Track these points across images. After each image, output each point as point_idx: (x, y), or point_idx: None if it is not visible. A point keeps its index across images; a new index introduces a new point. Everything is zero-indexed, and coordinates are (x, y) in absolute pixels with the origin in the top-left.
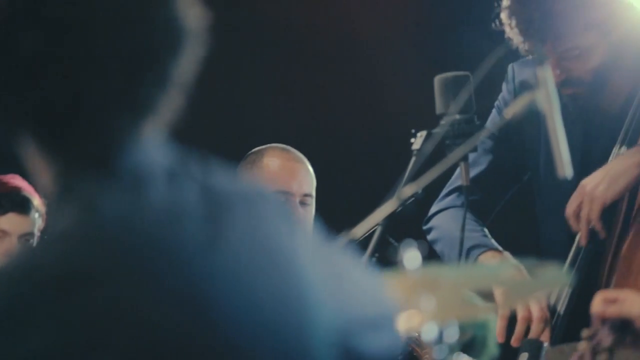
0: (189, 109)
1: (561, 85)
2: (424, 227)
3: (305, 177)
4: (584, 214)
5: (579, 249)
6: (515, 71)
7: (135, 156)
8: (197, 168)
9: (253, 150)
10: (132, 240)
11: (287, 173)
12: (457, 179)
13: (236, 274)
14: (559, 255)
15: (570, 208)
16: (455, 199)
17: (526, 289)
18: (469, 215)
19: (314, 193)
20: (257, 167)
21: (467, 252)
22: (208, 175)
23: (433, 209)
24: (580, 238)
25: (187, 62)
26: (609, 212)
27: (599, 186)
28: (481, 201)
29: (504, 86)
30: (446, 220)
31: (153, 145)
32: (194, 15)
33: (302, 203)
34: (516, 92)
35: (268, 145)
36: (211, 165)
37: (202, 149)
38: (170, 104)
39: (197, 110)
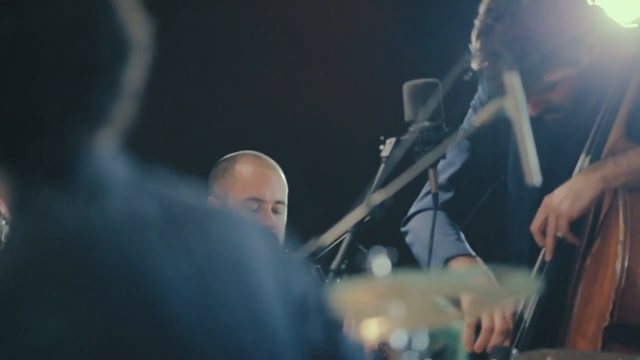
0: (143, 118)
1: (543, 114)
2: (402, 229)
3: (277, 184)
4: (549, 230)
5: (544, 256)
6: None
7: (92, 166)
8: (154, 179)
9: (225, 157)
10: (90, 249)
11: (259, 180)
12: (424, 196)
13: (197, 286)
14: (525, 258)
15: (535, 224)
16: (431, 199)
17: (493, 297)
18: (443, 218)
19: (286, 200)
20: (230, 174)
21: (438, 258)
22: (166, 187)
23: (412, 210)
24: (545, 253)
25: (137, 70)
26: (575, 223)
27: (564, 202)
28: (457, 201)
29: (479, 86)
30: (421, 223)
31: (109, 155)
32: (139, 22)
33: (275, 210)
34: (490, 93)
35: (240, 152)
36: (169, 177)
37: (159, 159)
38: (123, 113)
39: (153, 119)
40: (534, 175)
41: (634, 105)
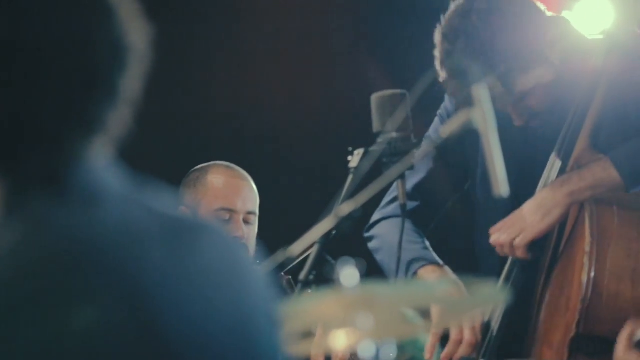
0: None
1: (528, 121)
2: (365, 235)
3: (249, 195)
4: (518, 242)
5: (513, 265)
6: None
7: (87, 175)
8: (147, 191)
9: (196, 167)
10: (82, 258)
11: (231, 191)
12: (389, 202)
13: (190, 298)
14: (494, 268)
15: (504, 238)
16: (397, 207)
17: (462, 307)
18: (409, 226)
19: (257, 211)
20: (201, 184)
21: (406, 266)
22: (158, 199)
23: (375, 217)
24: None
25: (134, 78)
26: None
27: (534, 217)
28: (422, 208)
29: (446, 96)
30: (387, 230)
31: (105, 164)
32: (137, 30)
33: (246, 221)
34: (457, 104)
35: (211, 162)
36: (161, 189)
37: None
38: (120, 122)
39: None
40: (501, 186)
41: (599, 117)
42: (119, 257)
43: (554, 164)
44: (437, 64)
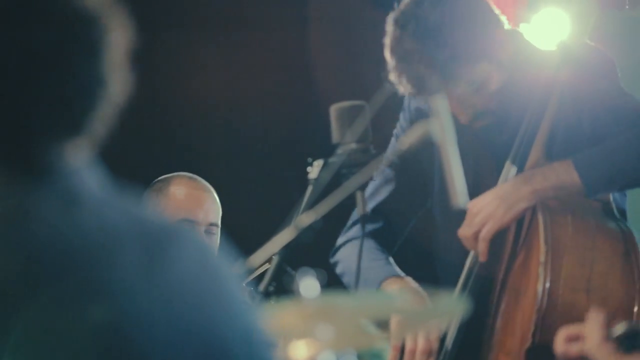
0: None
1: (472, 121)
2: (331, 260)
3: (211, 207)
4: (483, 234)
5: (469, 273)
6: (411, 99)
7: (67, 177)
8: (126, 195)
9: (159, 178)
10: (59, 258)
11: (193, 202)
12: (352, 226)
13: (165, 302)
14: (453, 279)
15: (468, 230)
16: (359, 229)
17: (421, 318)
18: (373, 244)
19: (219, 222)
20: (163, 195)
21: (370, 283)
22: (136, 204)
23: (339, 241)
24: (480, 256)
25: (117, 83)
26: (498, 243)
27: (499, 209)
28: (385, 230)
29: (401, 115)
30: (350, 253)
31: (85, 167)
32: (121, 36)
33: (208, 232)
34: (412, 120)
35: (174, 173)
36: (138, 194)
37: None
38: (102, 124)
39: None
40: (459, 197)
41: (553, 127)
42: (94, 258)
43: (509, 172)
44: (387, 51)
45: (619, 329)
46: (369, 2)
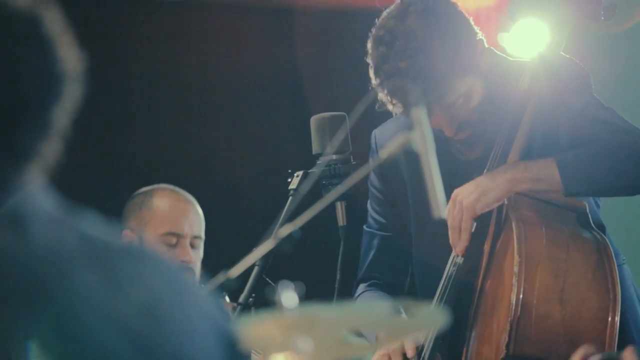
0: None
1: (456, 133)
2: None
3: (195, 219)
4: (463, 225)
5: (447, 283)
6: (377, 138)
7: (16, 199)
8: (77, 216)
9: (140, 190)
10: (7, 279)
11: (178, 214)
12: (363, 265)
13: (114, 320)
14: (432, 289)
15: (450, 221)
16: (362, 287)
17: (402, 328)
18: (380, 294)
19: (203, 235)
20: (147, 208)
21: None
22: (88, 224)
23: (358, 290)
24: (458, 247)
25: (67, 107)
26: (476, 251)
27: (470, 197)
28: (388, 280)
29: (370, 159)
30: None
31: (34, 189)
32: (72, 59)
33: (192, 245)
34: (381, 165)
35: (156, 185)
36: (90, 214)
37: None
38: (52, 149)
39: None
40: (441, 208)
41: (528, 138)
42: (40, 280)
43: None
44: (372, 70)
45: (596, 358)
46: (349, 15)
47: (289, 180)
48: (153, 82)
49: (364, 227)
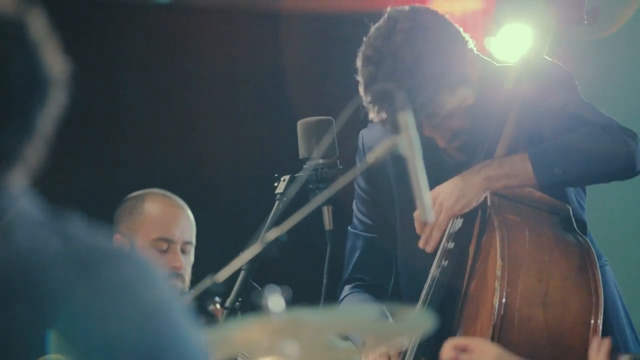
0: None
1: (449, 143)
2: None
3: (186, 225)
4: (438, 224)
5: (431, 286)
6: (365, 139)
7: (0, 203)
8: (63, 219)
9: (131, 195)
10: None
11: (169, 220)
12: (347, 266)
13: (98, 326)
14: (417, 295)
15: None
16: (348, 289)
17: (388, 333)
18: (365, 297)
19: (194, 240)
20: (138, 213)
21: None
22: (74, 227)
23: (344, 292)
24: (430, 243)
25: (52, 110)
26: (461, 254)
27: (449, 199)
28: (372, 282)
29: (356, 155)
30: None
31: (18, 192)
32: (57, 63)
33: (183, 251)
34: (368, 168)
35: (147, 190)
36: (76, 218)
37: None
38: (36, 152)
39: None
40: (427, 212)
41: (512, 141)
42: (24, 285)
43: None
44: (361, 89)
45: (625, 358)
46: (336, 20)
47: (276, 184)
48: (140, 87)
49: (349, 228)
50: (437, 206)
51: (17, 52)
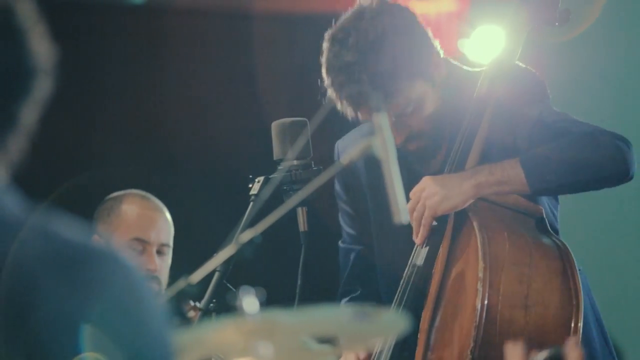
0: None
1: (406, 142)
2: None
3: (163, 226)
4: (423, 221)
5: (405, 287)
6: (340, 149)
7: None
8: (44, 216)
9: (110, 195)
10: None
11: (145, 221)
12: (343, 277)
13: (79, 324)
14: (392, 296)
15: (412, 212)
16: (344, 301)
17: (364, 334)
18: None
19: (171, 243)
20: (115, 214)
21: None
22: (55, 225)
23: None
24: (417, 239)
25: (36, 102)
26: (434, 254)
27: (434, 198)
28: (366, 292)
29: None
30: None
31: (2, 187)
32: (44, 53)
33: (159, 252)
34: (342, 175)
35: (126, 191)
36: (58, 215)
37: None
38: (18, 146)
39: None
40: (402, 214)
41: (484, 150)
42: (10, 281)
43: None
44: (324, 68)
45: (541, 355)
46: (310, 21)
47: (250, 185)
48: (114, 87)
49: (339, 243)
50: (421, 200)
51: (2, 40)
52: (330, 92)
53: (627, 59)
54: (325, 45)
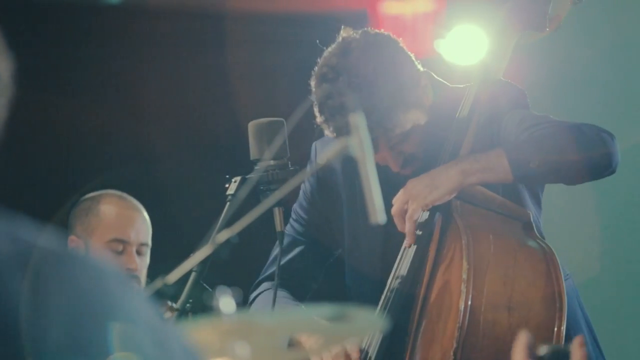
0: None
1: (402, 168)
2: (251, 295)
3: (142, 226)
4: (409, 215)
5: (390, 293)
6: (318, 150)
7: None
8: (11, 221)
9: (87, 195)
10: None
11: (124, 221)
12: (270, 267)
13: (49, 334)
14: (366, 298)
15: (395, 207)
16: (267, 285)
17: (340, 334)
18: (285, 294)
19: (150, 242)
20: (93, 214)
21: None
22: (23, 230)
23: (251, 297)
24: (407, 237)
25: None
26: (419, 259)
27: (423, 190)
28: (296, 283)
29: (308, 166)
30: (259, 306)
31: None
32: (2, 61)
33: (138, 252)
34: (318, 174)
35: (102, 191)
36: (25, 220)
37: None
38: None
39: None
40: (378, 213)
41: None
42: None
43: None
44: (316, 108)
45: (543, 349)
46: (286, 21)
47: (227, 185)
48: (89, 86)
49: (284, 230)
50: (409, 196)
51: None
52: (325, 130)
53: (611, 56)
54: (313, 83)
